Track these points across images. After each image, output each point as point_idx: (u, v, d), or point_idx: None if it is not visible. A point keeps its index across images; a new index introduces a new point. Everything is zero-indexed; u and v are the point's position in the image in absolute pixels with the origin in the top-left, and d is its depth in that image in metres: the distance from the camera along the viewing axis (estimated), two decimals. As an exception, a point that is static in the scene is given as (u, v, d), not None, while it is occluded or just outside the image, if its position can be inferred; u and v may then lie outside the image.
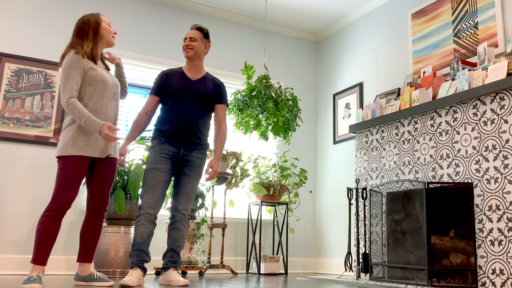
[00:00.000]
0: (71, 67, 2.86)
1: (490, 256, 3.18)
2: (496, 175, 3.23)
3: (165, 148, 3.20)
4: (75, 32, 3.02)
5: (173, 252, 3.23)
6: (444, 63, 4.15)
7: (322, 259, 5.30)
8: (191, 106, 3.27)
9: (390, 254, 3.95)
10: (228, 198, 4.77)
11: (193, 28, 3.41)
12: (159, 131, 3.26)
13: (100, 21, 3.06)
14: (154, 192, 3.14)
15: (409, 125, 3.96)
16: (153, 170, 3.16)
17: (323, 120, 5.67)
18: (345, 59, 5.45)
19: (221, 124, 3.41)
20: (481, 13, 3.89)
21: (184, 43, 3.36)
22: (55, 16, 4.57)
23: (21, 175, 4.19)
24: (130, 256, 3.14)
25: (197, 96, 3.30)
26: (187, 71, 3.39)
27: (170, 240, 3.24)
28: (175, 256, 3.23)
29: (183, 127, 3.24)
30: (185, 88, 3.28)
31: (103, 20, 3.09)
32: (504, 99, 3.24)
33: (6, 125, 4.20)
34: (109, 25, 3.12)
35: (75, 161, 2.84)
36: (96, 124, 2.81)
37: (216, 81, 3.45)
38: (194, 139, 3.28)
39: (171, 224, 3.25)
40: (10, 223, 4.08)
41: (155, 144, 3.23)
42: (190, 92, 3.28)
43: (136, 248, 3.12)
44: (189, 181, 3.27)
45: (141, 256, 3.12)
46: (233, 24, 5.48)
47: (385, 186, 4.08)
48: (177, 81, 3.31)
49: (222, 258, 4.57)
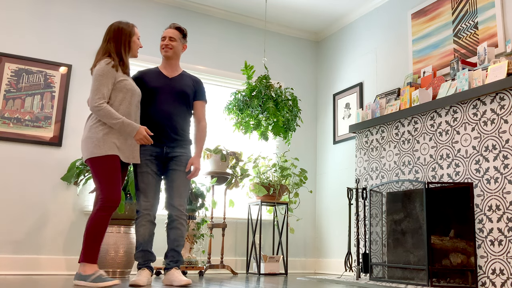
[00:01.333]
0: (103, 75, 2.96)
1: (490, 256, 3.18)
2: (496, 175, 3.23)
3: (148, 150, 3.21)
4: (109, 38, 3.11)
5: (173, 252, 3.23)
6: (444, 63, 4.15)
7: (322, 259, 5.30)
8: (170, 104, 3.27)
9: (390, 254, 3.95)
10: (228, 198, 4.77)
11: (172, 27, 3.41)
12: None
13: (133, 33, 3.16)
14: (147, 195, 3.18)
15: (409, 125, 3.96)
16: (141, 174, 3.18)
17: (323, 120, 5.67)
18: (345, 59, 5.45)
19: (200, 121, 3.42)
20: (481, 13, 3.89)
21: (163, 42, 3.37)
22: (55, 16, 4.56)
23: (21, 175, 4.19)
24: (135, 258, 3.17)
25: (175, 93, 3.31)
26: (163, 69, 3.39)
27: (169, 240, 3.24)
28: (176, 255, 3.23)
29: (163, 125, 3.24)
30: (162, 86, 3.29)
31: (135, 33, 3.19)
32: (504, 99, 3.24)
33: (6, 125, 4.20)
34: (138, 38, 3.21)
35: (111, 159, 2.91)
36: (132, 127, 2.93)
37: (194, 78, 3.46)
38: (174, 136, 3.28)
39: (169, 224, 3.25)
40: (10, 223, 4.08)
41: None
42: (168, 90, 3.29)
43: (141, 249, 3.14)
44: (178, 175, 3.25)
45: (147, 256, 3.16)
46: (233, 24, 5.48)
47: (385, 186, 4.08)
48: (154, 79, 3.31)
49: (222, 258, 4.57)
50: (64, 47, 4.54)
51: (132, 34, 3.16)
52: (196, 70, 5.14)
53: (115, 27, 3.14)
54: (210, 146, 4.67)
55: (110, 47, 3.08)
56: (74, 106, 4.50)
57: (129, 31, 3.14)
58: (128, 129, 2.93)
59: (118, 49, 3.09)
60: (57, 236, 4.23)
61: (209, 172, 4.49)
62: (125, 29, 3.14)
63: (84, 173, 4.01)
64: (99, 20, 4.76)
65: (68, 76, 4.49)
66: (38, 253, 4.13)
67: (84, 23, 4.69)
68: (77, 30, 4.63)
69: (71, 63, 4.56)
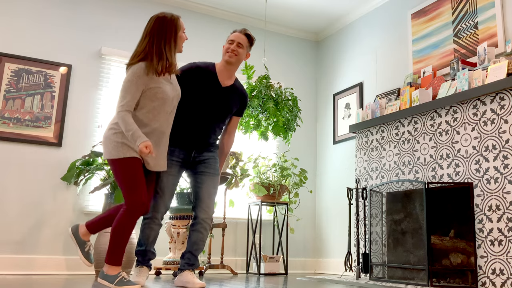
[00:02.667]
0: (132, 82, 2.73)
1: (490, 256, 3.18)
2: (496, 175, 3.23)
3: (175, 151, 3.09)
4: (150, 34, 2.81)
5: (190, 255, 3.12)
6: (444, 63, 4.15)
7: (322, 259, 5.30)
8: (212, 115, 3.13)
9: (390, 254, 3.95)
10: (228, 198, 4.77)
11: (242, 33, 3.21)
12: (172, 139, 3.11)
13: (179, 27, 2.86)
14: (163, 196, 3.05)
15: (409, 125, 3.96)
16: (162, 174, 3.04)
17: (323, 120, 5.66)
18: (345, 59, 5.45)
19: (231, 134, 3.32)
20: (481, 13, 3.89)
21: (231, 46, 3.16)
22: (55, 16, 4.56)
23: (21, 175, 4.19)
24: (136, 254, 3.12)
25: (222, 108, 3.16)
26: (219, 73, 3.18)
27: (189, 241, 3.12)
28: (193, 259, 3.12)
29: (198, 133, 3.12)
30: (212, 95, 3.11)
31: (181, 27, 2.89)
32: (504, 99, 3.24)
33: (6, 125, 4.20)
34: (184, 31, 2.93)
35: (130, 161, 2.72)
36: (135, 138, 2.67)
37: (243, 92, 3.28)
38: (206, 142, 3.17)
39: (193, 225, 3.12)
40: (9, 223, 4.08)
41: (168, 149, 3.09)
42: (216, 101, 3.13)
43: (144, 248, 3.09)
44: (209, 177, 3.14)
45: (148, 255, 3.12)
46: (233, 24, 5.48)
47: (385, 186, 4.08)
48: (206, 83, 3.12)
49: (222, 258, 4.57)
50: (64, 47, 4.54)
51: (178, 28, 2.85)
52: (196, 70, 5.13)
53: (158, 20, 2.81)
54: (210, 146, 4.67)
55: (150, 45, 2.78)
56: (74, 106, 4.50)
57: (174, 24, 2.83)
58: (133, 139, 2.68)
59: (160, 47, 2.78)
60: (57, 236, 4.23)
61: (209, 172, 4.49)
62: (170, 22, 2.81)
63: (84, 173, 4.01)
64: (99, 20, 4.76)
65: (68, 76, 4.49)
66: (38, 253, 4.13)
67: (84, 23, 4.69)
68: (77, 30, 4.63)
69: (71, 63, 4.56)
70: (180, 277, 3.09)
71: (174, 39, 2.83)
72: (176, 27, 2.85)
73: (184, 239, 4.17)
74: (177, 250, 4.17)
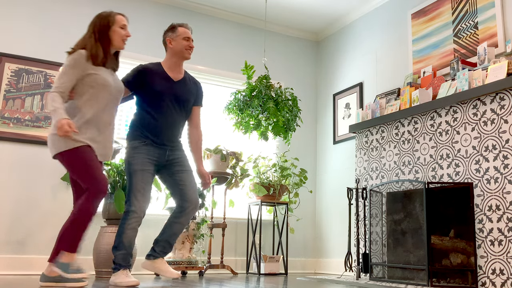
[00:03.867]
0: (70, 66, 2.82)
1: (490, 256, 3.18)
2: (496, 175, 3.23)
3: (150, 150, 3.11)
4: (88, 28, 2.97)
5: (167, 244, 3.15)
6: (444, 63, 4.15)
7: (322, 259, 5.30)
8: (174, 112, 3.20)
9: (390, 254, 3.95)
10: (228, 198, 4.77)
11: (189, 28, 3.34)
12: (141, 132, 3.14)
13: (112, 22, 2.97)
14: (145, 195, 3.04)
15: (409, 125, 3.96)
16: (142, 172, 3.04)
17: (323, 120, 5.67)
18: (345, 59, 5.45)
19: (197, 126, 3.37)
20: (481, 13, 3.89)
21: (188, 43, 3.26)
22: (55, 16, 4.56)
23: (21, 175, 4.19)
24: (116, 257, 3.00)
25: (180, 101, 3.23)
26: (169, 70, 3.26)
27: (169, 231, 3.14)
28: (168, 248, 3.16)
29: (167, 134, 3.17)
30: (167, 91, 3.18)
31: (117, 21, 2.99)
32: (504, 99, 3.24)
33: (6, 125, 4.20)
34: (123, 27, 3.00)
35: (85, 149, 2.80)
36: (58, 115, 2.70)
37: (195, 82, 3.38)
38: (174, 140, 3.24)
39: (177, 216, 3.15)
40: (9, 223, 4.08)
41: (138, 145, 3.10)
42: (173, 97, 3.19)
43: (125, 251, 3.00)
44: (188, 175, 3.21)
45: (128, 259, 3.02)
46: (233, 24, 5.48)
47: (385, 186, 4.08)
48: (159, 82, 3.18)
49: (222, 258, 4.57)
50: (64, 47, 4.54)
51: (111, 23, 2.96)
52: (196, 70, 5.14)
53: (97, 15, 2.98)
54: (210, 146, 4.67)
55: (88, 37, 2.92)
56: (74, 106, 4.50)
57: (107, 20, 2.95)
58: (55, 117, 2.71)
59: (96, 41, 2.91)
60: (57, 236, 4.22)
61: (209, 172, 4.49)
62: (104, 18, 2.95)
63: (84, 173, 4.00)
64: (99, 20, 4.76)
65: (68, 76, 4.49)
66: (38, 253, 4.13)
67: (84, 23, 4.69)
68: (77, 30, 4.63)
69: (71, 63, 4.55)
70: (154, 263, 3.11)
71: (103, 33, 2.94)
72: (109, 22, 2.96)
73: (184, 239, 4.17)
74: (177, 250, 4.17)
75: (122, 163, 4.08)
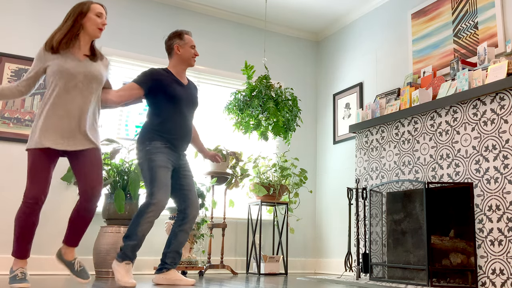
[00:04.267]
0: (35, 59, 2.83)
1: (490, 256, 3.18)
2: (496, 175, 3.23)
3: (170, 154, 3.17)
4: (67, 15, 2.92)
5: (176, 254, 3.21)
6: (444, 63, 4.15)
7: (322, 259, 5.30)
8: (189, 118, 3.29)
9: (390, 254, 3.95)
10: (228, 198, 4.77)
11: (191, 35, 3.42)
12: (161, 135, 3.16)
13: (85, 10, 2.87)
14: (167, 190, 3.07)
15: (409, 125, 3.96)
16: (166, 169, 3.09)
17: (323, 120, 5.67)
18: (345, 59, 5.45)
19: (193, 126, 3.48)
20: (481, 13, 3.89)
21: (195, 51, 3.35)
22: (55, 16, 4.56)
23: (21, 175, 4.19)
24: (125, 246, 2.99)
25: (192, 105, 3.34)
26: (177, 75, 3.33)
27: (176, 242, 3.20)
28: (178, 258, 3.23)
29: (183, 138, 3.24)
30: (183, 96, 3.26)
31: (91, 9, 2.88)
32: (504, 99, 3.24)
33: (6, 125, 4.20)
34: (98, 15, 2.89)
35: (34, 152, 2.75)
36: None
37: (195, 86, 3.47)
38: (187, 147, 3.33)
39: (181, 224, 3.21)
40: (10, 223, 4.08)
41: (161, 146, 3.14)
42: (187, 100, 3.28)
43: (137, 243, 3.00)
44: (192, 180, 3.31)
45: (136, 251, 3.04)
46: (233, 24, 5.48)
47: (385, 186, 4.08)
48: (174, 86, 3.24)
49: (222, 258, 4.57)
50: (64, 47, 4.54)
51: (85, 10, 2.87)
52: (196, 70, 5.14)
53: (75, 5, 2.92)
54: (210, 146, 4.67)
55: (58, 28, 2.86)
56: (74, 106, 4.50)
57: (81, 8, 2.87)
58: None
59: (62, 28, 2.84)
60: (57, 236, 4.22)
61: (209, 172, 4.49)
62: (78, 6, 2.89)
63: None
64: (99, 20, 4.76)
65: (68, 76, 4.49)
66: (38, 253, 4.13)
67: (84, 23, 4.69)
68: (77, 30, 4.63)
69: (71, 63, 4.55)
70: (167, 275, 3.16)
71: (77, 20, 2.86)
72: (83, 9, 2.88)
73: (184, 239, 4.17)
74: (177, 250, 4.17)
75: (122, 163, 4.08)
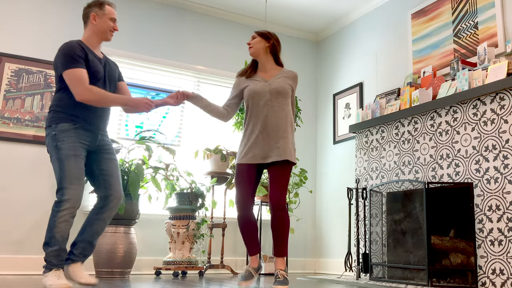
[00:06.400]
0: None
1: (490, 256, 3.18)
2: (496, 175, 3.23)
3: (81, 134, 2.80)
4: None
5: (88, 245, 2.83)
6: (444, 63, 4.15)
7: (322, 259, 5.30)
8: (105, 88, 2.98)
9: (390, 254, 3.95)
10: (228, 198, 4.77)
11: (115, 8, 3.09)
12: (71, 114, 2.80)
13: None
14: (80, 183, 2.73)
15: (409, 125, 3.96)
16: (75, 158, 2.73)
17: (323, 120, 5.67)
18: (345, 59, 5.45)
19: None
20: (481, 13, 3.89)
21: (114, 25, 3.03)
22: (55, 16, 4.56)
23: (21, 175, 4.19)
24: (47, 255, 2.67)
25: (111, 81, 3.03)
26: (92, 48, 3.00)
27: (90, 230, 2.82)
28: (89, 250, 2.84)
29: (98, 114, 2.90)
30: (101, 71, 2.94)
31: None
32: (504, 99, 3.24)
33: (6, 125, 4.20)
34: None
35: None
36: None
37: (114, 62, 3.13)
38: (107, 123, 3.00)
39: (99, 213, 2.85)
40: (10, 223, 4.08)
41: (68, 128, 2.76)
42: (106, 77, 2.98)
43: (59, 247, 2.66)
44: (115, 164, 2.95)
45: (62, 256, 2.70)
46: (233, 24, 5.48)
47: (385, 186, 4.08)
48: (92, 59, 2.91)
49: (222, 258, 4.57)
50: (64, 47, 4.54)
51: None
52: (196, 70, 5.14)
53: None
54: (210, 146, 4.67)
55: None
56: (74, 106, 4.50)
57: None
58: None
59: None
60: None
61: (209, 172, 4.49)
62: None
63: (84, 173, 4.00)
64: (99, 20, 4.76)
65: (68, 76, 4.49)
66: (39, 253, 4.13)
67: (84, 23, 4.69)
68: (77, 30, 4.63)
69: (71, 63, 4.55)
70: (69, 267, 2.78)
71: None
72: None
73: (184, 239, 4.17)
74: (177, 250, 4.17)
75: (122, 163, 4.08)
